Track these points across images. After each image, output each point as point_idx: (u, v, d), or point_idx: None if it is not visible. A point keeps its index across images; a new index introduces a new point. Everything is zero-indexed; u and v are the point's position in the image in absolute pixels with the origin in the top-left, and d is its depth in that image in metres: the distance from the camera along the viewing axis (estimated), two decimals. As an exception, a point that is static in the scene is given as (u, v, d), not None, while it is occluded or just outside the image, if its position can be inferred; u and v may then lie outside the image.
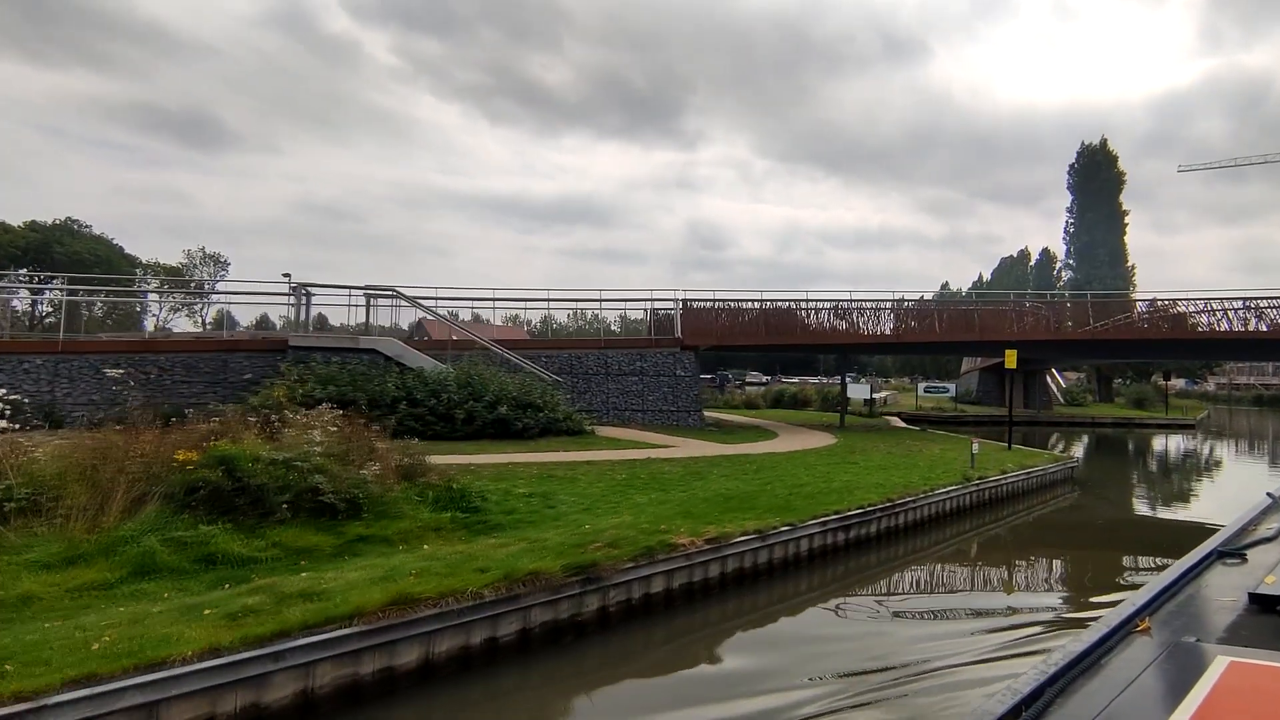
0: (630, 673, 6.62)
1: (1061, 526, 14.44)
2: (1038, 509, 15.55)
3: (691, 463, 14.61)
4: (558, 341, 23.17)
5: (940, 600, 9.50)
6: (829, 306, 25.27)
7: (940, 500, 12.53)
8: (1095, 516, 15.77)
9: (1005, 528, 13.89)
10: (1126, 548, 12.98)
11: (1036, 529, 14.05)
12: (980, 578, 10.54)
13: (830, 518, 9.94)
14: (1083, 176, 65.76)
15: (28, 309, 44.32)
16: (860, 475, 13.72)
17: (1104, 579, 10.74)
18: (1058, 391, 54.00)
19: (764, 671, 6.65)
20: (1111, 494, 19.49)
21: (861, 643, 7.40)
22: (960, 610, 8.87)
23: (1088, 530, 14.13)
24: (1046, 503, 16.22)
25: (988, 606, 9.03)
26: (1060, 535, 13.55)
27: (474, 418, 16.88)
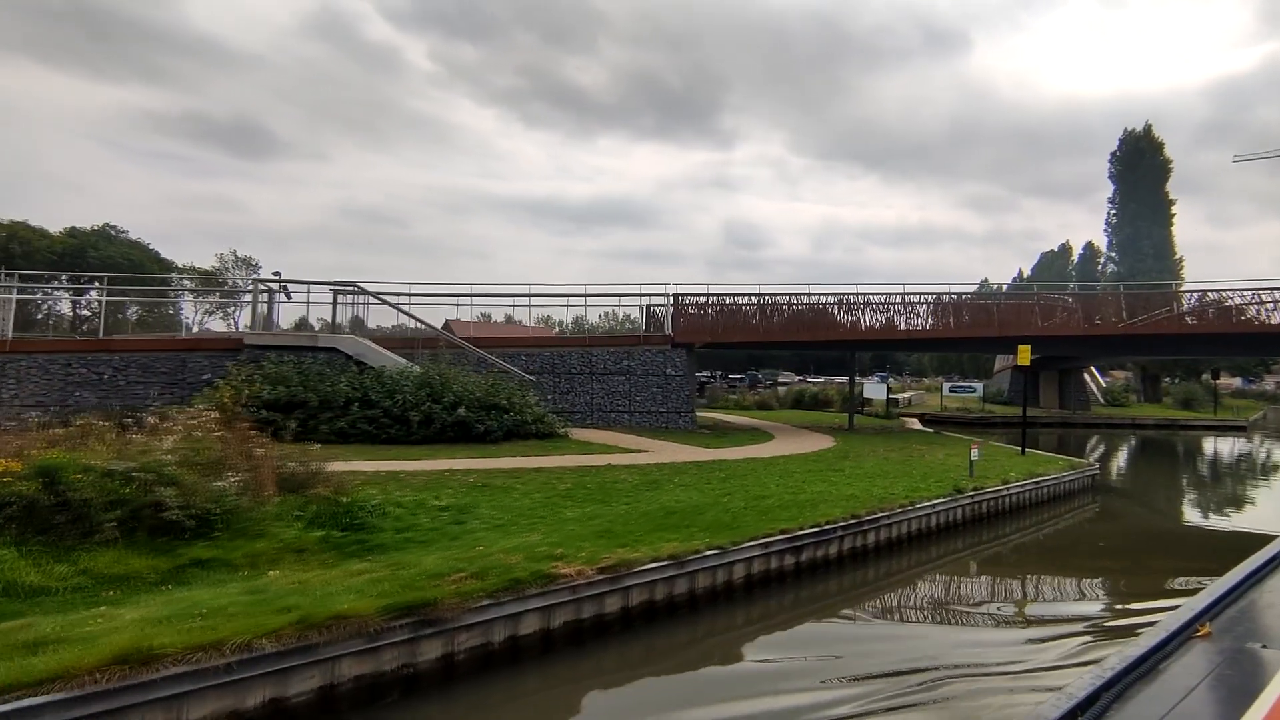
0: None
1: (1071, 545, 12.71)
2: (1049, 524, 13.85)
3: (654, 470, 13.29)
4: (540, 339, 22.03)
5: (904, 647, 8.01)
6: (834, 301, 23.65)
7: (923, 515, 10.99)
8: (1117, 532, 13.98)
9: (1007, 546, 12.25)
10: (1153, 571, 11.27)
11: (1044, 548, 12.37)
12: (959, 611, 9.00)
13: (775, 538, 8.53)
14: (1125, 165, 62.44)
15: (68, 312, 44.64)
16: (837, 485, 12.24)
17: (1125, 612, 9.11)
18: (1097, 391, 51.14)
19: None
20: (1142, 504, 17.60)
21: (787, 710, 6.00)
22: (926, 660, 7.39)
23: (1104, 549, 12.43)
24: (1060, 516, 14.49)
25: (960, 658, 7.53)
26: (1068, 556, 11.86)
27: (432, 420, 15.78)
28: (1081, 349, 31.11)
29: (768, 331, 23.02)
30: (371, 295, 19.40)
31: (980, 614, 8.70)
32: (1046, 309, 26.51)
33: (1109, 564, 11.46)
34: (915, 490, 11.96)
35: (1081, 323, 25.47)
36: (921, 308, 24.47)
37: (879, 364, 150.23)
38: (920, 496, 11.41)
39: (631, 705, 6.02)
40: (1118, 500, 17.20)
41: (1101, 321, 25.70)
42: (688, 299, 22.83)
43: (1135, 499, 18.38)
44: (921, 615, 8.70)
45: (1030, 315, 25.42)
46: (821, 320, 23.43)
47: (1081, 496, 16.03)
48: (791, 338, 23.39)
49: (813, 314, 23.35)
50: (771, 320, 23.31)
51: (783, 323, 23.22)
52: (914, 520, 10.81)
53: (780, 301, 23.42)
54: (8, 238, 64.36)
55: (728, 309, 23.05)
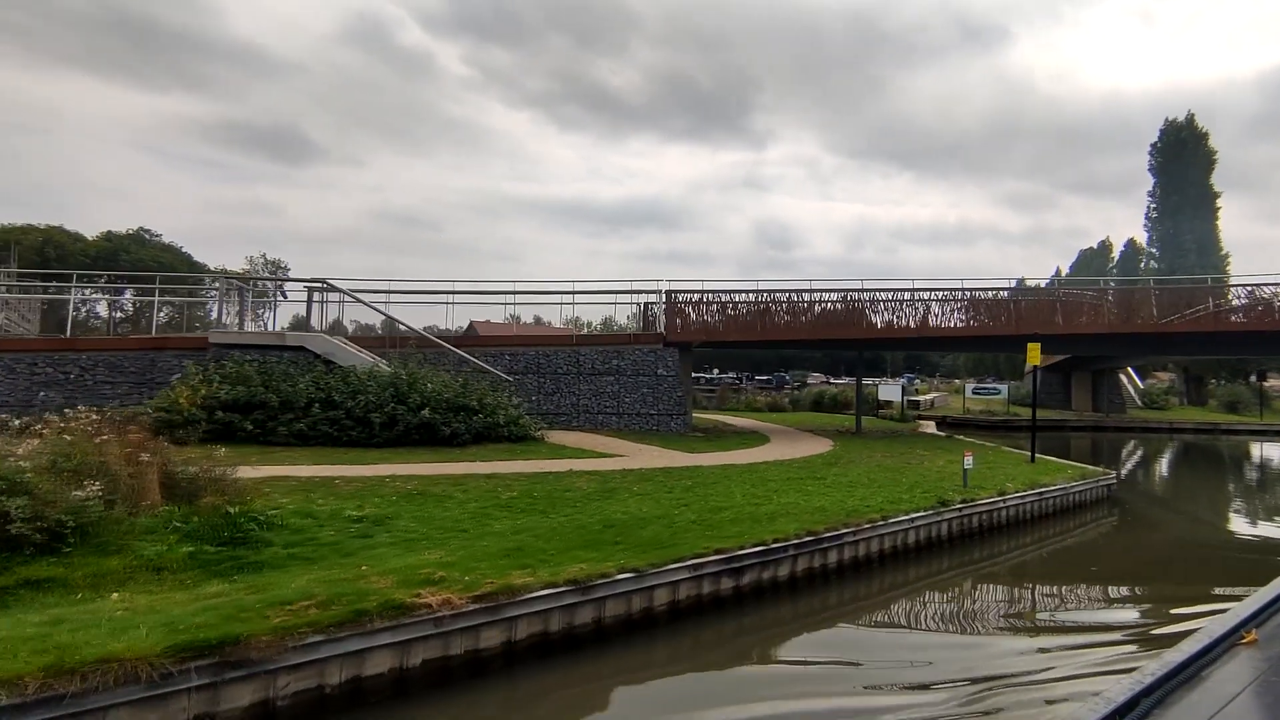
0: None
1: (1077, 564, 11.41)
2: (1053, 540, 12.57)
3: (617, 477, 12.34)
4: (525, 337, 21.22)
5: (848, 701, 6.94)
6: (838, 299, 22.43)
7: (898, 531, 9.86)
8: (1133, 548, 12.63)
9: (1003, 566, 11.04)
10: (1171, 593, 9.99)
11: (1046, 566, 11.13)
12: (924, 648, 7.89)
13: (708, 559, 7.53)
14: (1166, 156, 59.68)
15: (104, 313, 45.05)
16: (811, 496, 11.16)
17: (1130, 650, 7.91)
18: (1134, 393, 48.73)
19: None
20: (1167, 516, 16.11)
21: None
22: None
23: (1116, 569, 11.14)
24: (1069, 531, 13.18)
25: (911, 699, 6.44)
26: (1074, 577, 10.61)
27: (396, 421, 15.05)
28: (1108, 348, 29.33)
29: (766, 331, 21.89)
30: (346, 293, 18.79)
31: (959, 657, 7.57)
32: (1070, 307, 24.91)
33: (1112, 590, 10.20)
34: (897, 502, 10.83)
35: (1109, 320, 23.83)
36: (934, 305, 23.12)
37: (910, 364, 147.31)
38: (898, 510, 10.28)
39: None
40: (1140, 513, 15.74)
41: (1129, 319, 24.04)
42: (682, 297, 21.82)
43: (1160, 511, 16.88)
44: (882, 655, 7.60)
45: (1050, 313, 23.87)
46: (824, 319, 22.23)
47: (1096, 509, 14.65)
48: (791, 337, 22.22)
49: (815, 312, 22.15)
50: (772, 319, 22.18)
51: (784, 322, 22.08)
52: (887, 537, 9.69)
53: (780, 300, 22.27)
54: (43, 242, 65.97)
55: (725, 307, 21.98)
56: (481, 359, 19.60)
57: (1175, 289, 26.19)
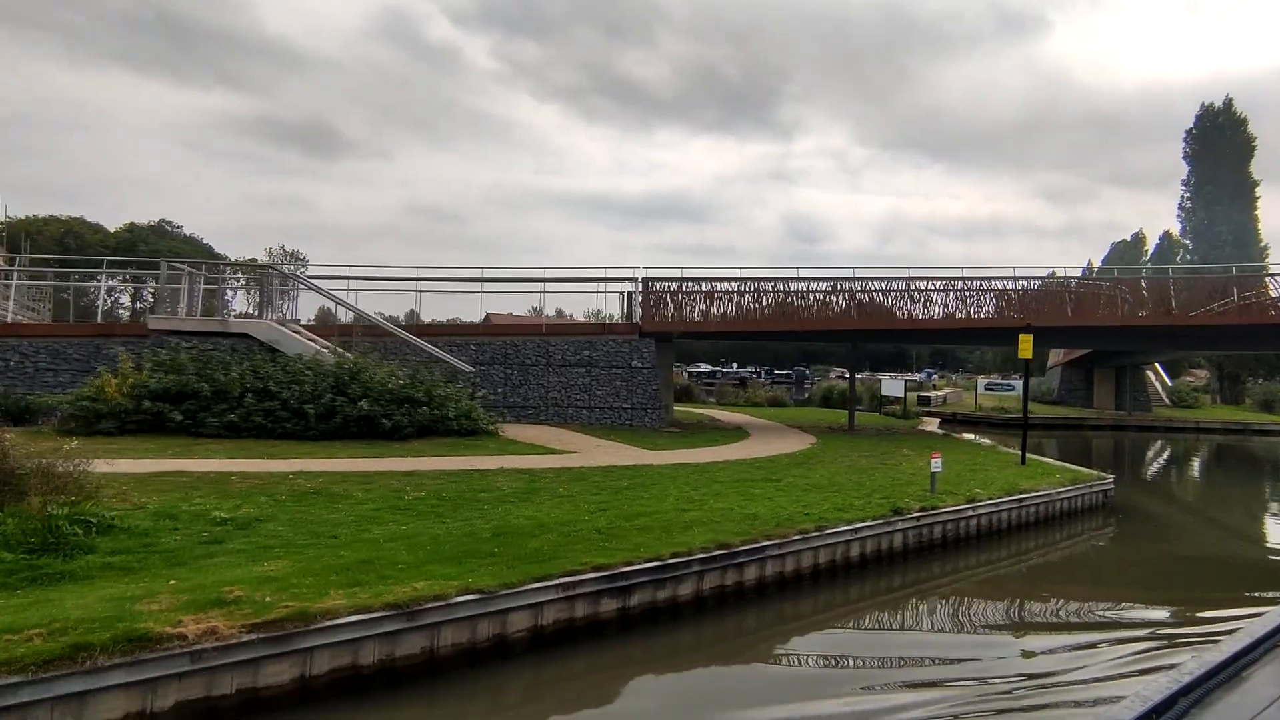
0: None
1: (1055, 583, 10.14)
2: (1033, 554, 11.31)
3: (549, 477, 11.34)
4: (491, 327, 20.29)
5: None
6: (827, 288, 21.16)
7: (836, 544, 8.71)
8: (1125, 564, 11.32)
9: (968, 583, 9.84)
10: (1160, 619, 8.74)
11: (1017, 585, 9.88)
12: (836, 689, 6.76)
13: (584, 577, 6.49)
14: (1202, 143, 56.93)
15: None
16: (755, 500, 10.05)
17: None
18: (1161, 391, 46.48)
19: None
20: (1170, 526, 14.68)
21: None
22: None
23: (1100, 589, 9.88)
24: (1053, 544, 11.90)
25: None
26: (1050, 597, 9.38)
27: (334, 413, 14.21)
28: (1122, 341, 27.65)
29: (749, 321, 20.70)
30: (300, 279, 18.02)
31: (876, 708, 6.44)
32: (1086, 298, 23.33)
33: (1091, 613, 8.94)
34: (845, 509, 9.67)
35: (1123, 313, 22.22)
36: (934, 295, 21.73)
37: (936, 360, 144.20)
38: (843, 518, 9.13)
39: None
40: (1140, 522, 14.34)
41: (1149, 311, 22.40)
42: (659, 285, 20.72)
43: (1164, 521, 15.44)
44: (780, 696, 6.51)
45: (1060, 305, 22.34)
46: (812, 309, 20.98)
47: (1089, 518, 13.30)
48: (777, 328, 21.01)
49: (801, 302, 20.92)
50: (758, 308, 20.98)
51: (771, 311, 20.87)
52: (823, 550, 8.56)
53: (766, 288, 21.06)
54: (64, 233, 66.84)
55: (706, 296, 20.83)
56: (446, 349, 18.71)
57: (1199, 280, 24.46)
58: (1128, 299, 23.08)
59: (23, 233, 54.48)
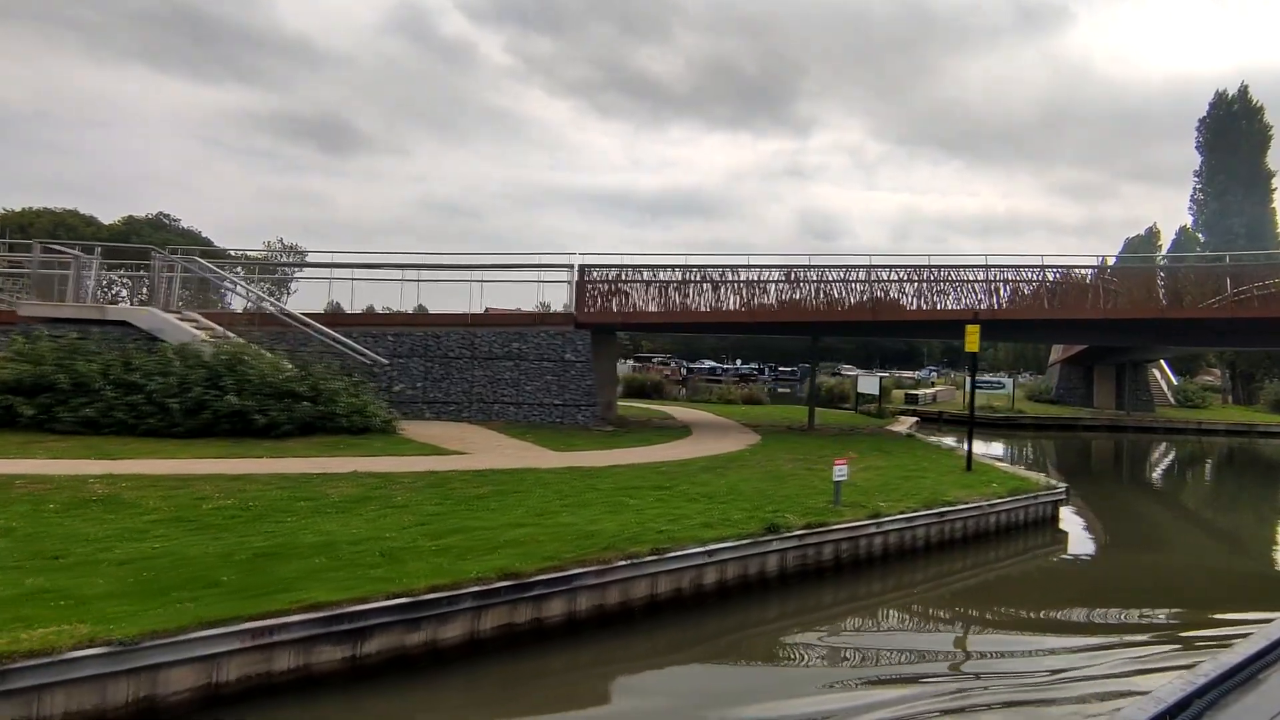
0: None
1: (971, 616, 8.62)
2: (953, 579, 9.78)
3: (404, 482, 9.95)
4: (412, 317, 18.95)
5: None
6: (780, 277, 19.62)
7: (684, 569, 7.25)
8: (1065, 590, 9.79)
9: (862, 615, 8.37)
10: (1088, 671, 7.22)
11: (931, 617, 8.38)
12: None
13: (290, 619, 5.09)
14: (1214, 132, 54.62)
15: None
16: (615, 513, 8.62)
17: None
18: (1167, 390, 44.38)
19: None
20: (1127, 542, 13.06)
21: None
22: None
23: (1031, 620, 8.37)
24: (985, 565, 10.38)
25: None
26: (962, 630, 7.89)
27: (203, 408, 12.92)
28: (1107, 336, 25.86)
29: (696, 313, 19.21)
30: (178, 260, 16.77)
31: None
32: (1072, 291, 21.61)
33: (1002, 655, 7.44)
34: (720, 524, 8.23)
35: (1105, 307, 20.51)
36: (907, 286, 20.14)
37: (949, 357, 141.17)
38: (702, 537, 7.68)
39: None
40: (1093, 537, 12.76)
41: (1140, 304, 20.66)
42: (596, 273, 19.29)
43: (1121, 535, 13.83)
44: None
45: (1038, 298, 20.65)
46: (765, 298, 19.47)
47: (1034, 534, 11.74)
48: (722, 319, 19.49)
49: (753, 291, 19.41)
50: (706, 298, 19.49)
51: (719, 301, 19.38)
52: (664, 577, 7.11)
53: (715, 276, 19.56)
54: (55, 225, 66.49)
55: (648, 285, 19.38)
56: (362, 340, 17.42)
57: (1190, 271, 22.68)
58: (1117, 291, 21.36)
59: (5, 227, 54.24)
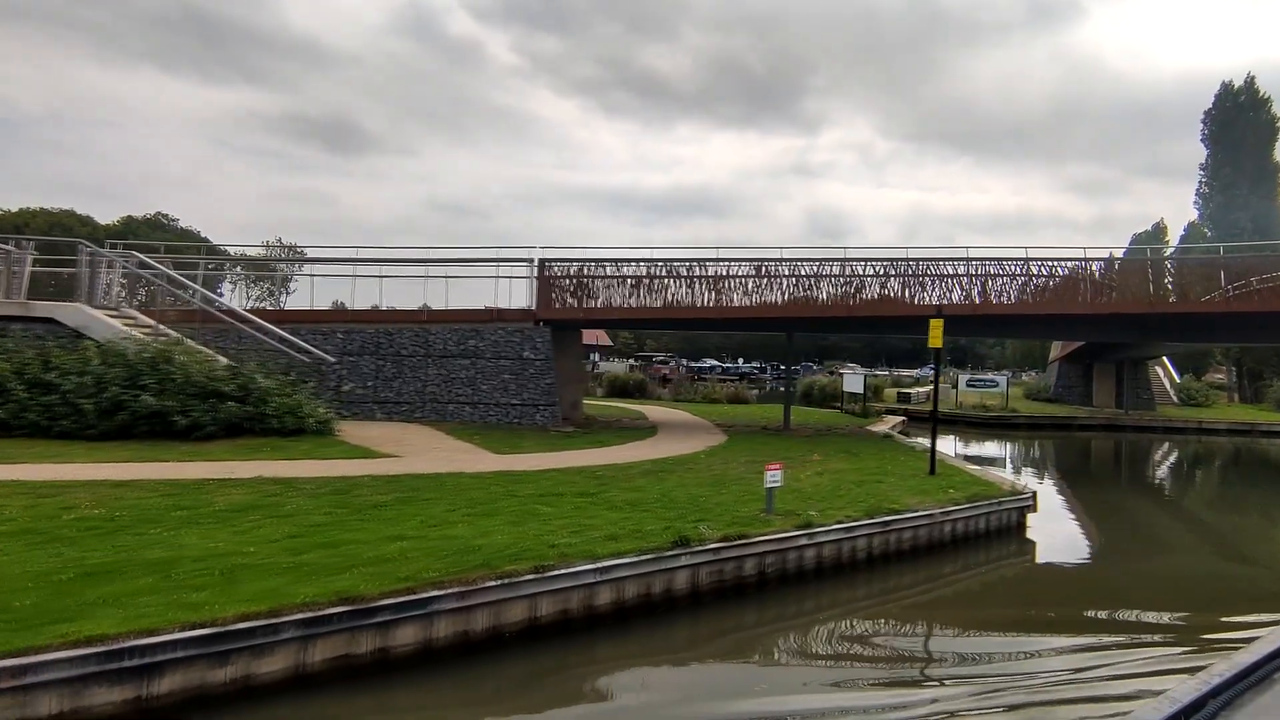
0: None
1: (916, 631, 7.80)
2: (906, 593, 8.96)
3: (306, 490, 9.22)
4: (363, 314, 18.26)
5: None
6: (749, 271, 18.82)
7: (570, 588, 6.48)
8: (1026, 600, 8.94)
9: (794, 635, 7.58)
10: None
11: (884, 632, 7.58)
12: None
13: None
14: (1220, 125, 53.38)
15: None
16: (519, 524, 7.87)
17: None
18: (1170, 388, 43.26)
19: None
20: (1102, 553, 12.19)
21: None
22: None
23: (998, 633, 7.55)
24: (938, 579, 9.55)
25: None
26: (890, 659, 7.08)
27: (120, 408, 12.26)
28: (1101, 333, 24.91)
29: (656, 309, 18.44)
30: (131, 258, 16.11)
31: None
32: (1061, 285, 20.71)
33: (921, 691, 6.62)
34: (625, 535, 7.46)
35: (1107, 301, 19.60)
36: (888, 280, 19.31)
37: (957, 357, 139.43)
38: (585, 553, 6.91)
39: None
40: (1063, 548, 11.91)
41: (1117, 298, 19.76)
42: (557, 268, 18.53)
43: (1095, 546, 12.95)
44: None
45: (1023, 293, 19.76)
46: (735, 293, 18.67)
47: (998, 544, 10.90)
48: (689, 315, 18.70)
49: (720, 286, 18.61)
50: (673, 293, 18.71)
51: (692, 297, 18.60)
52: (546, 599, 6.33)
53: (681, 271, 18.77)
54: (51, 225, 66.39)
55: (611, 280, 18.61)
56: (310, 338, 16.74)
57: (1184, 263, 21.75)
58: (1108, 286, 20.45)
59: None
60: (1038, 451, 25.98)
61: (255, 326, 15.95)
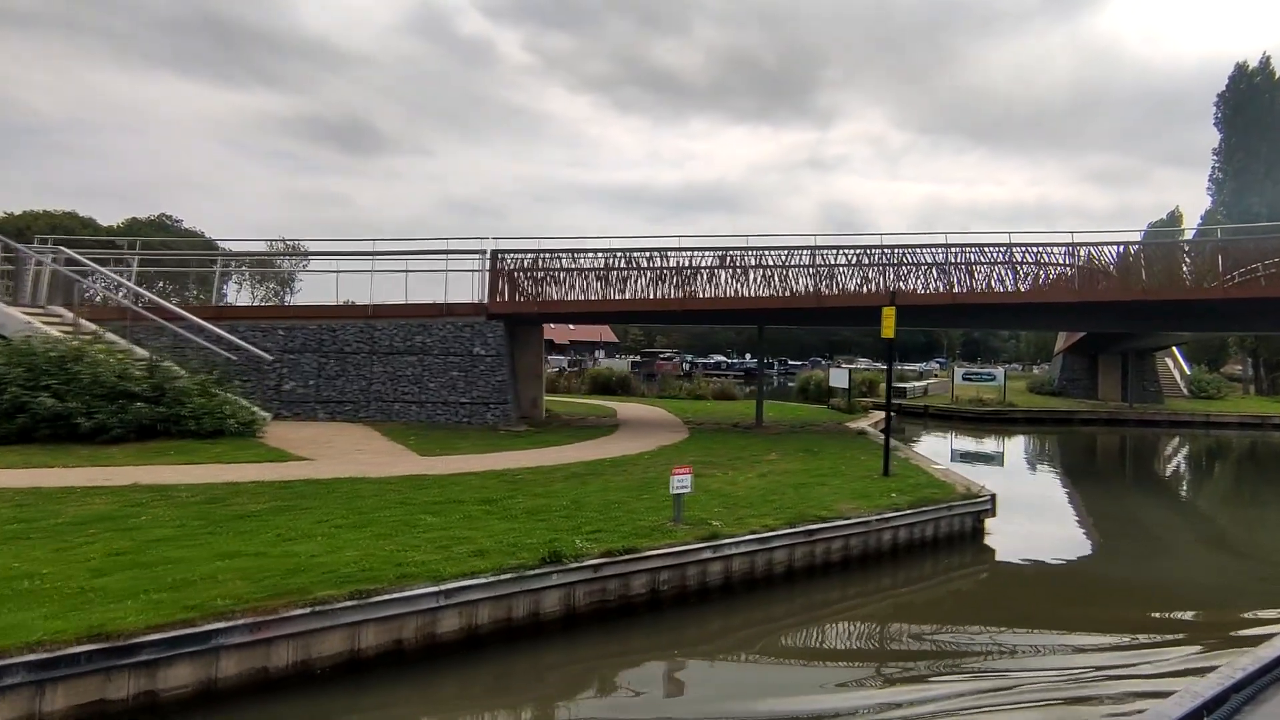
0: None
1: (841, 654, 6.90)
2: (833, 609, 8.07)
3: (180, 497, 8.47)
4: (306, 309, 17.52)
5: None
6: (714, 262, 17.89)
7: (404, 615, 5.65)
8: (975, 615, 8.02)
9: (698, 661, 6.70)
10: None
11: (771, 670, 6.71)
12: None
13: None
14: (1234, 107, 51.63)
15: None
16: (385, 539, 7.06)
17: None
18: (1180, 380, 41.72)
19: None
20: (1072, 562, 11.19)
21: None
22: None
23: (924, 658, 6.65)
24: (877, 594, 8.66)
25: None
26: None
27: (21, 410, 11.57)
28: (1087, 323, 23.78)
29: (615, 301, 17.56)
30: (60, 253, 15.48)
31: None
32: (1042, 273, 19.60)
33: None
34: (496, 550, 6.62)
35: (1091, 289, 18.50)
36: (844, 269, 18.33)
37: (970, 350, 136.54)
38: (429, 574, 6.07)
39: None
40: (1028, 556, 10.91)
41: (1107, 285, 18.62)
42: (511, 259, 17.70)
43: (1064, 554, 11.95)
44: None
45: (1005, 280, 18.70)
46: (701, 284, 17.76)
47: (950, 552, 9.95)
48: (650, 308, 17.81)
49: (684, 277, 17.71)
50: (636, 284, 17.83)
51: (642, 289, 17.71)
52: (372, 628, 5.51)
53: (643, 262, 17.88)
54: (52, 228, 66.61)
55: (567, 273, 17.75)
56: (248, 335, 16.05)
57: (1177, 248, 20.59)
58: (1091, 272, 19.32)
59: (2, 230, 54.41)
60: (1034, 447, 24.87)
61: (188, 325, 15.26)
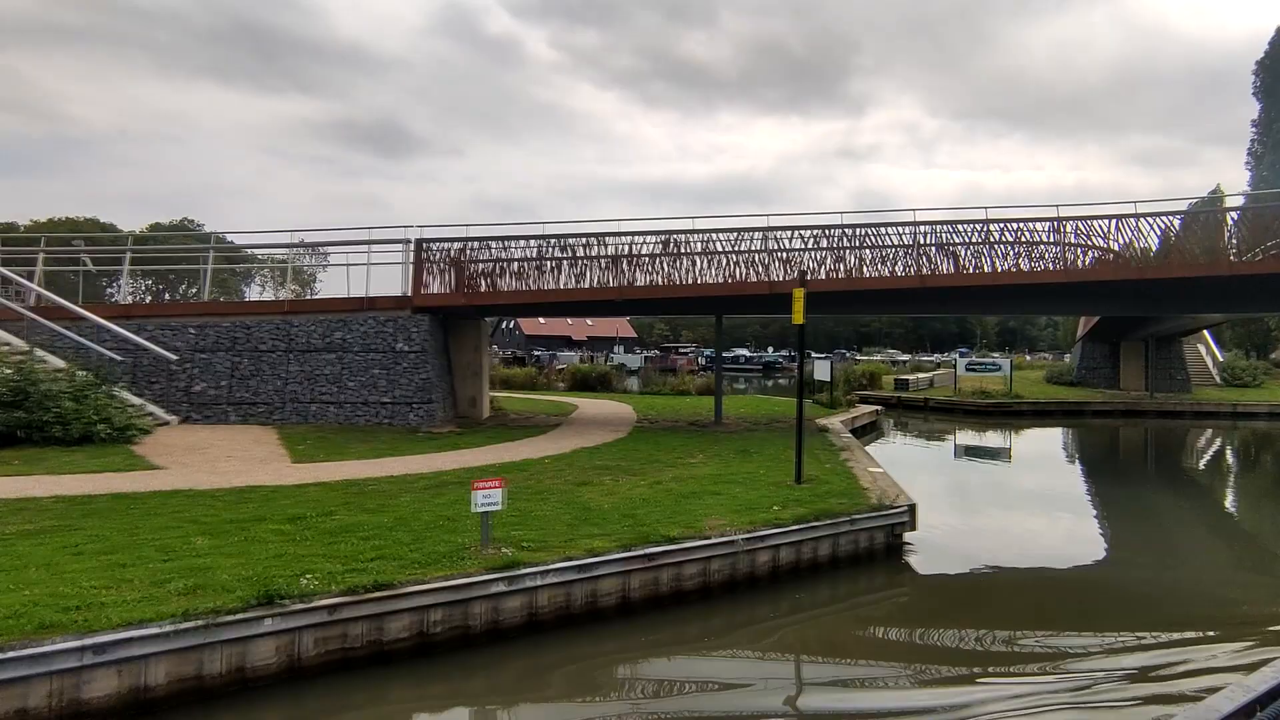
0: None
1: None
2: (688, 647, 6.74)
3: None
4: (218, 306, 16.61)
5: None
6: (657, 247, 16.51)
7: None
8: (872, 651, 6.61)
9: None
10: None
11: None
12: None
13: None
14: (1274, 75, 48.26)
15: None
16: (92, 573, 5.94)
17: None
18: (1212, 367, 38.97)
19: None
20: (1018, 582, 9.59)
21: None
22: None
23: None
24: (751, 624, 7.28)
25: None
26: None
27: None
28: (1085, 305, 21.84)
29: (548, 291, 16.30)
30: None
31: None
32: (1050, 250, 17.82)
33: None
34: (218, 587, 5.45)
35: (1089, 266, 16.71)
36: (820, 254, 16.84)
37: (1005, 339, 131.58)
38: (117, 620, 4.91)
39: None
40: (959, 572, 9.37)
41: (1107, 262, 16.78)
42: (436, 249, 16.55)
43: (1011, 571, 10.34)
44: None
45: (992, 260, 16.99)
46: (634, 272, 16.41)
47: (855, 575, 8.49)
48: (586, 297, 16.49)
49: (620, 265, 16.38)
50: (571, 273, 16.56)
51: (576, 276, 16.43)
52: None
53: (577, 249, 16.59)
54: (72, 234, 67.87)
55: (500, 264, 16.54)
56: (157, 333, 15.20)
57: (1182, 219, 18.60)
58: (1091, 249, 17.47)
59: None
60: (1032, 444, 22.98)
61: (89, 326, 14.43)
